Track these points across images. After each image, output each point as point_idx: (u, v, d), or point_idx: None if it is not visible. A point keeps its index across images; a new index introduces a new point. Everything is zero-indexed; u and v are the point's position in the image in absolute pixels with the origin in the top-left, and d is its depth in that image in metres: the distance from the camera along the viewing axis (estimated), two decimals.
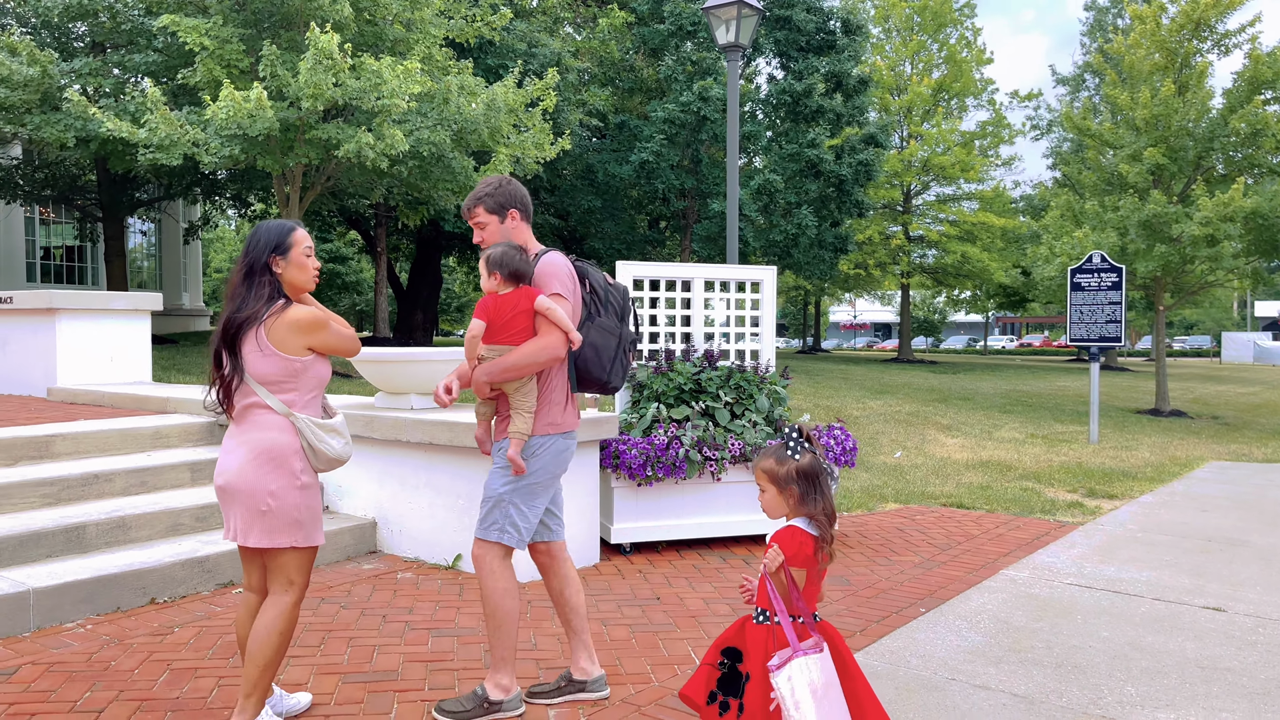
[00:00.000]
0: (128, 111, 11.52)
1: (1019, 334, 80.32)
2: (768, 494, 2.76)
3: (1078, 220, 18.10)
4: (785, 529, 2.73)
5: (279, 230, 3.24)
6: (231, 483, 3.16)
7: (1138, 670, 4.12)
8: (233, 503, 3.18)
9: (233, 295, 3.20)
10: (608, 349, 3.58)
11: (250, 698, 3.18)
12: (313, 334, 3.19)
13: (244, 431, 3.19)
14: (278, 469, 3.16)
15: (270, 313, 3.15)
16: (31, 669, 3.90)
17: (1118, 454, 11.25)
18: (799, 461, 2.72)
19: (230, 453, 3.20)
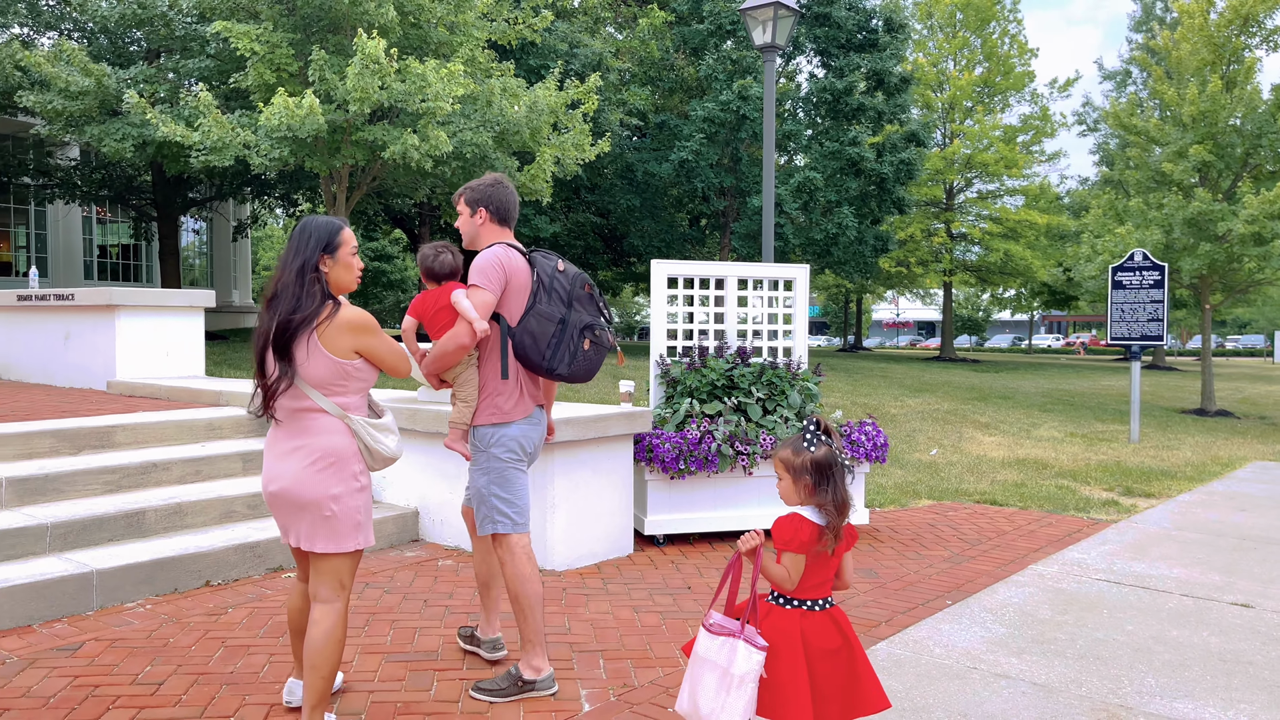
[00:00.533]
0: (182, 116, 11.91)
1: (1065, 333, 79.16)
2: (784, 482, 2.90)
3: (1120, 218, 17.92)
4: (786, 515, 2.86)
5: (328, 228, 3.18)
6: (290, 489, 3.10)
7: (1159, 662, 4.19)
8: (294, 509, 3.12)
9: (281, 294, 3.09)
10: (545, 335, 3.65)
11: (317, 709, 3.14)
12: (363, 336, 3.13)
13: (297, 436, 3.12)
14: (339, 473, 3.12)
15: (323, 315, 3.09)
16: (95, 644, 4.15)
17: (1158, 453, 11.18)
18: (814, 453, 2.85)
19: (284, 458, 3.12)
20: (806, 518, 2.82)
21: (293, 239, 3.17)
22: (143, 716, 3.46)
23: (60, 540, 4.88)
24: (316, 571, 3.18)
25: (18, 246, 21.45)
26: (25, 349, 9.40)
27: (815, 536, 2.81)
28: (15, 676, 3.79)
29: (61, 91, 12.11)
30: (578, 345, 3.70)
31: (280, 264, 3.14)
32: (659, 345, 6.60)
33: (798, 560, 2.82)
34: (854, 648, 2.88)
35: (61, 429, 5.91)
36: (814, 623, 2.86)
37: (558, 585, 5.21)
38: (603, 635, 4.42)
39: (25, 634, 4.27)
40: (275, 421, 3.19)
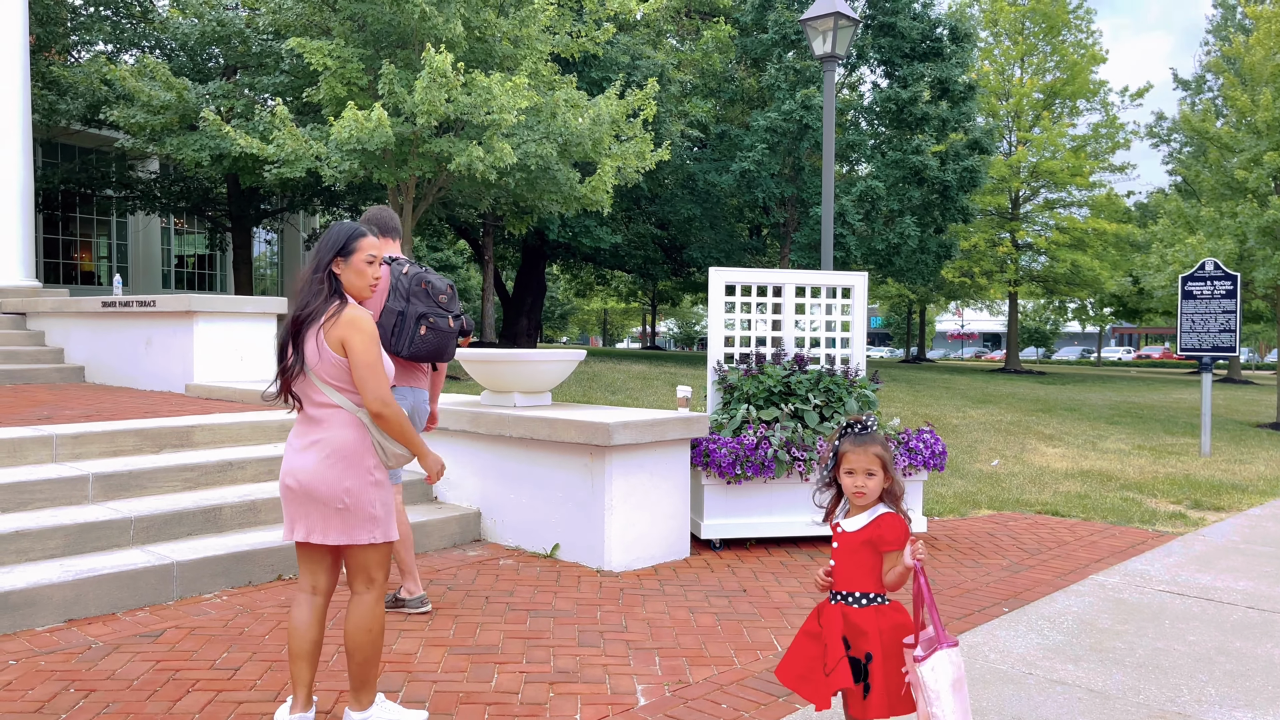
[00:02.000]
0: (257, 130, 12.33)
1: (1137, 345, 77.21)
2: (876, 479, 2.86)
3: (1190, 227, 17.51)
4: (889, 518, 2.85)
5: (345, 233, 3.32)
6: (306, 482, 3.22)
7: (1220, 673, 4.15)
8: (307, 502, 3.23)
9: (299, 291, 3.30)
10: (387, 325, 4.51)
11: (361, 691, 3.32)
12: (349, 331, 3.22)
13: (313, 431, 3.25)
14: (352, 467, 3.23)
15: (329, 314, 3.23)
16: (175, 632, 4.36)
17: (1229, 467, 10.92)
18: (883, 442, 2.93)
19: (301, 453, 3.24)
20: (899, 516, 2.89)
21: (318, 241, 3.38)
22: (221, 699, 3.64)
23: (143, 533, 5.13)
24: (348, 568, 3.33)
25: (99, 256, 22.31)
26: (110, 353, 9.82)
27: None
28: (101, 660, 4.01)
29: (144, 105, 12.63)
30: (414, 331, 4.51)
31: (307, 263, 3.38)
32: (716, 352, 6.68)
33: (901, 558, 2.87)
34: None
35: (144, 428, 6.19)
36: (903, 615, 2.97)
37: (615, 585, 5.32)
38: (658, 634, 4.51)
39: (110, 621, 4.50)
40: (298, 416, 3.35)
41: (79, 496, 5.36)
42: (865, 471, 2.86)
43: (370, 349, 3.23)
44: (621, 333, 75.81)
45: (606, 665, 4.09)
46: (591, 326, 72.40)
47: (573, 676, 3.95)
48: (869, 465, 2.86)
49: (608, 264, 27.45)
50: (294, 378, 3.27)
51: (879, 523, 2.86)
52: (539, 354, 6.20)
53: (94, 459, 5.90)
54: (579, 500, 5.73)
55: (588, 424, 5.53)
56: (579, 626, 4.59)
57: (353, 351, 3.23)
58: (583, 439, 5.55)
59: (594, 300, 57.07)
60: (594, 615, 4.77)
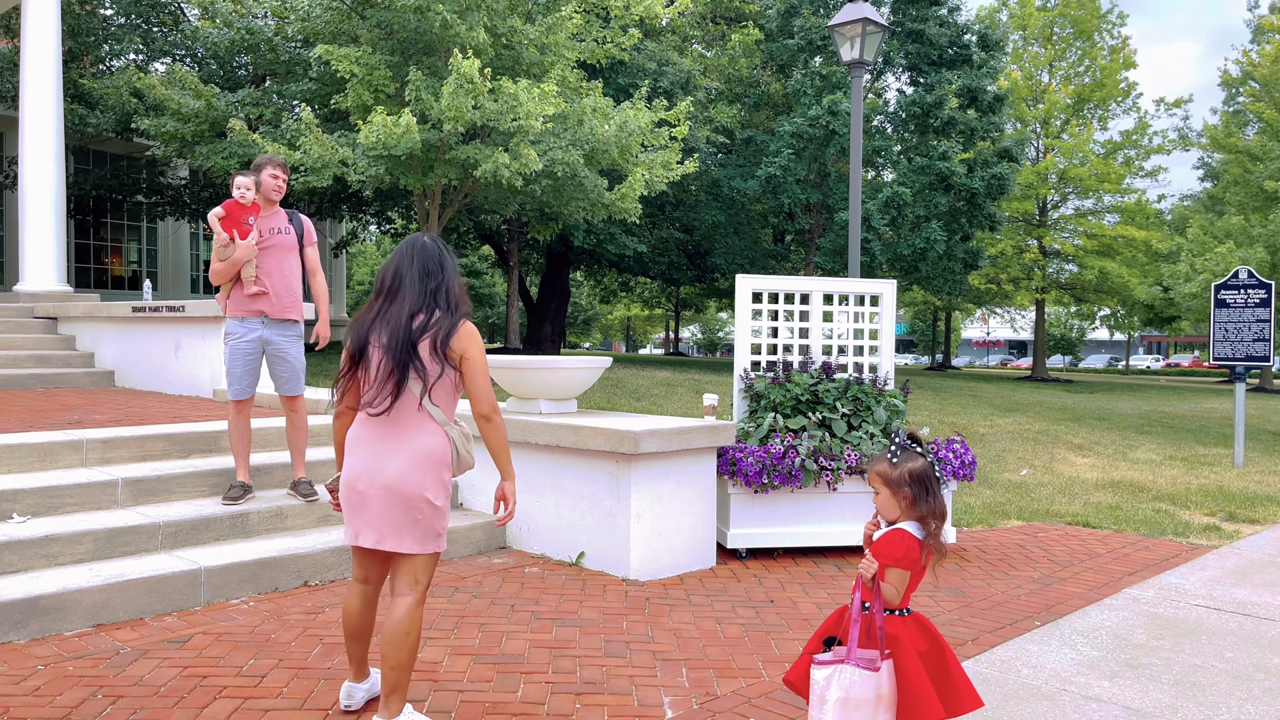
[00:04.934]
0: (284, 137, 12.42)
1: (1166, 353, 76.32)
2: (881, 496, 2.91)
3: (1218, 238, 17.29)
4: (893, 533, 2.87)
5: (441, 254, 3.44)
6: (395, 486, 3.26)
7: (1260, 690, 4.06)
8: (390, 506, 3.26)
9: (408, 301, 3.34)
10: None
11: (392, 696, 3.31)
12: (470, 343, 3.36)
13: (404, 438, 3.30)
14: (436, 478, 3.31)
15: (458, 325, 3.34)
16: (203, 638, 4.37)
17: (1264, 478, 10.73)
18: (912, 465, 2.87)
19: (388, 457, 3.28)
20: (912, 534, 2.85)
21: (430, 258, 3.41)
22: (248, 706, 3.64)
23: (171, 539, 5.15)
24: (397, 570, 3.35)
25: (130, 261, 22.55)
26: (139, 358, 9.90)
27: (922, 551, 2.84)
28: (128, 666, 4.02)
29: (174, 114, 12.74)
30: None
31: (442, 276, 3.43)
32: (743, 359, 6.64)
33: (904, 576, 2.85)
34: (943, 648, 2.92)
35: (173, 433, 6.23)
36: (903, 627, 2.90)
37: (641, 595, 5.28)
38: (685, 645, 4.47)
39: (138, 626, 4.51)
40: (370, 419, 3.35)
41: (108, 501, 5.39)
42: (875, 490, 2.95)
43: (484, 357, 3.40)
44: (644, 339, 75.81)
45: (633, 676, 4.05)
46: (614, 332, 72.45)
47: (599, 687, 3.92)
48: (872, 483, 2.96)
49: (632, 270, 27.45)
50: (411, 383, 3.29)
51: (881, 538, 2.90)
52: (565, 361, 6.18)
53: (123, 463, 5.93)
54: (605, 508, 5.70)
55: (614, 432, 5.50)
56: (605, 636, 4.55)
57: (471, 361, 3.36)
58: (609, 447, 5.52)
59: (618, 307, 57.08)
60: (620, 625, 4.74)
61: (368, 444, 3.33)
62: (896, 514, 2.90)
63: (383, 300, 3.37)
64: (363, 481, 3.30)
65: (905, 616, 2.91)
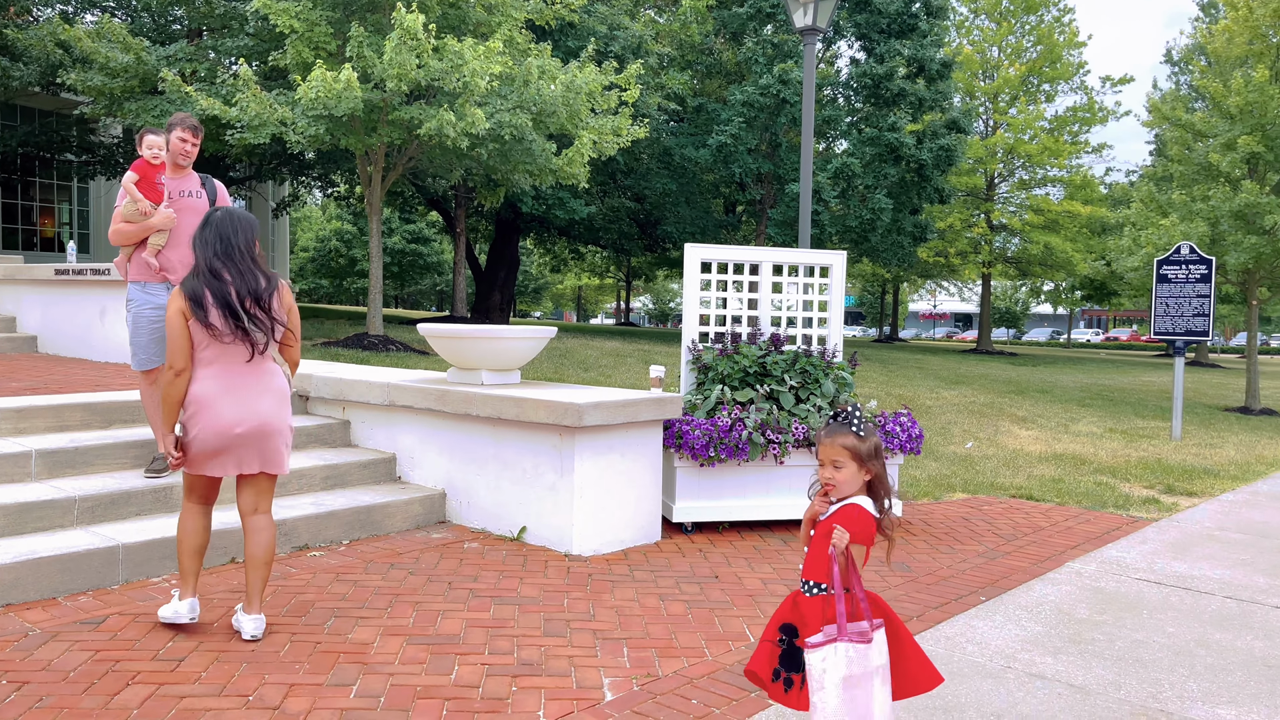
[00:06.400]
0: (219, 93, 11.94)
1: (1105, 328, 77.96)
2: (845, 470, 2.75)
3: (1163, 211, 17.50)
4: (851, 507, 2.75)
5: (249, 223, 4.04)
6: (270, 421, 3.96)
7: (1202, 666, 4.05)
8: (260, 440, 3.93)
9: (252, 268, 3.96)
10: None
11: (261, 595, 4.00)
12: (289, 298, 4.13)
13: (263, 380, 3.98)
14: (288, 409, 4.09)
15: (279, 283, 4.04)
16: (119, 619, 4.14)
17: (1201, 451, 10.92)
18: (876, 439, 2.78)
19: (258, 398, 3.94)
20: (869, 511, 2.75)
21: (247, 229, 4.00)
22: (163, 693, 3.44)
23: (88, 513, 4.89)
24: (259, 491, 4.04)
25: (62, 223, 21.73)
26: (64, 323, 9.48)
27: (878, 528, 2.76)
28: (37, 649, 3.79)
29: (102, 68, 12.18)
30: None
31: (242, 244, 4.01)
32: (691, 331, 6.50)
33: (860, 552, 2.77)
34: (896, 624, 2.86)
35: (93, 403, 5.93)
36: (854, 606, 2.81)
37: (583, 571, 5.15)
38: (627, 623, 4.35)
39: (50, 606, 4.27)
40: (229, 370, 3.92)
41: (20, 474, 5.11)
42: (831, 463, 2.79)
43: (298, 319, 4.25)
44: (596, 308, 75.50)
45: (572, 657, 3.92)
46: (566, 302, 72.04)
47: (537, 669, 3.79)
48: (835, 457, 2.77)
49: (582, 238, 27.16)
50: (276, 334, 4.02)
51: (838, 513, 2.77)
52: (508, 330, 5.99)
53: (38, 434, 5.63)
54: (548, 482, 5.55)
55: (558, 404, 5.34)
56: (545, 615, 4.42)
57: (293, 315, 4.12)
58: (552, 419, 5.36)
59: (568, 276, 56.68)
60: (561, 603, 4.60)
61: (234, 392, 3.90)
62: (856, 488, 2.78)
63: (219, 265, 3.87)
64: (241, 425, 3.89)
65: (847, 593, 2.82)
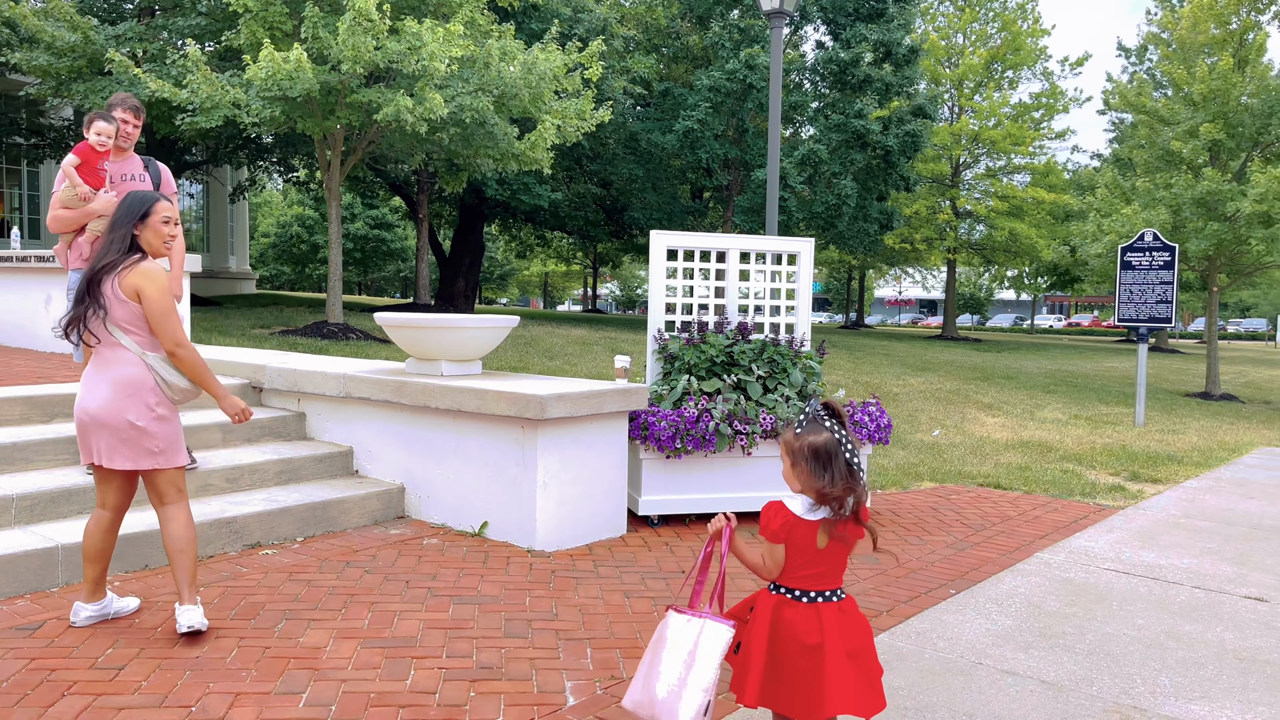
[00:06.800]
0: (170, 75, 11.59)
1: (1067, 314, 78.89)
2: (785, 465, 2.72)
3: (1127, 198, 17.61)
4: (770, 501, 2.71)
5: (143, 200, 3.81)
6: (98, 414, 3.70)
7: (1173, 660, 4.00)
8: (99, 431, 3.71)
9: (101, 247, 3.79)
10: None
11: (192, 585, 3.85)
12: (143, 281, 3.69)
13: (105, 369, 3.73)
14: (136, 401, 3.72)
15: (126, 264, 3.71)
16: (56, 624, 3.95)
17: (1164, 437, 10.98)
18: (814, 438, 2.64)
19: (93, 389, 3.74)
20: (785, 506, 2.65)
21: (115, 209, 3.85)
22: (99, 704, 3.26)
23: (26, 512, 4.67)
24: (152, 485, 3.83)
25: (13, 208, 21.14)
26: (5, 312, 9.16)
27: (787, 526, 2.62)
28: None
29: (48, 48, 11.78)
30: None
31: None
32: (657, 320, 6.37)
33: (774, 549, 2.66)
34: (827, 652, 2.63)
35: (33, 395, 5.69)
36: (796, 613, 2.68)
37: (546, 567, 5.01)
38: (591, 622, 4.22)
39: None
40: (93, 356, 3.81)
41: None
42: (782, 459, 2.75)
43: (162, 296, 3.73)
44: (563, 295, 75.12)
45: (534, 659, 3.79)
46: (532, 288, 71.57)
47: (496, 673, 3.65)
48: (781, 451, 2.76)
49: (547, 224, 26.90)
50: (92, 320, 3.73)
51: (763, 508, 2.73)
52: (468, 320, 5.82)
53: None
54: (510, 476, 5.40)
55: (520, 396, 5.19)
56: (506, 614, 4.27)
57: (146, 299, 3.71)
58: (514, 411, 5.21)
59: (534, 262, 56.30)
60: (522, 601, 4.46)
61: (86, 379, 3.79)
62: (797, 486, 2.69)
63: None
64: (80, 412, 3.77)
65: (807, 603, 2.68)
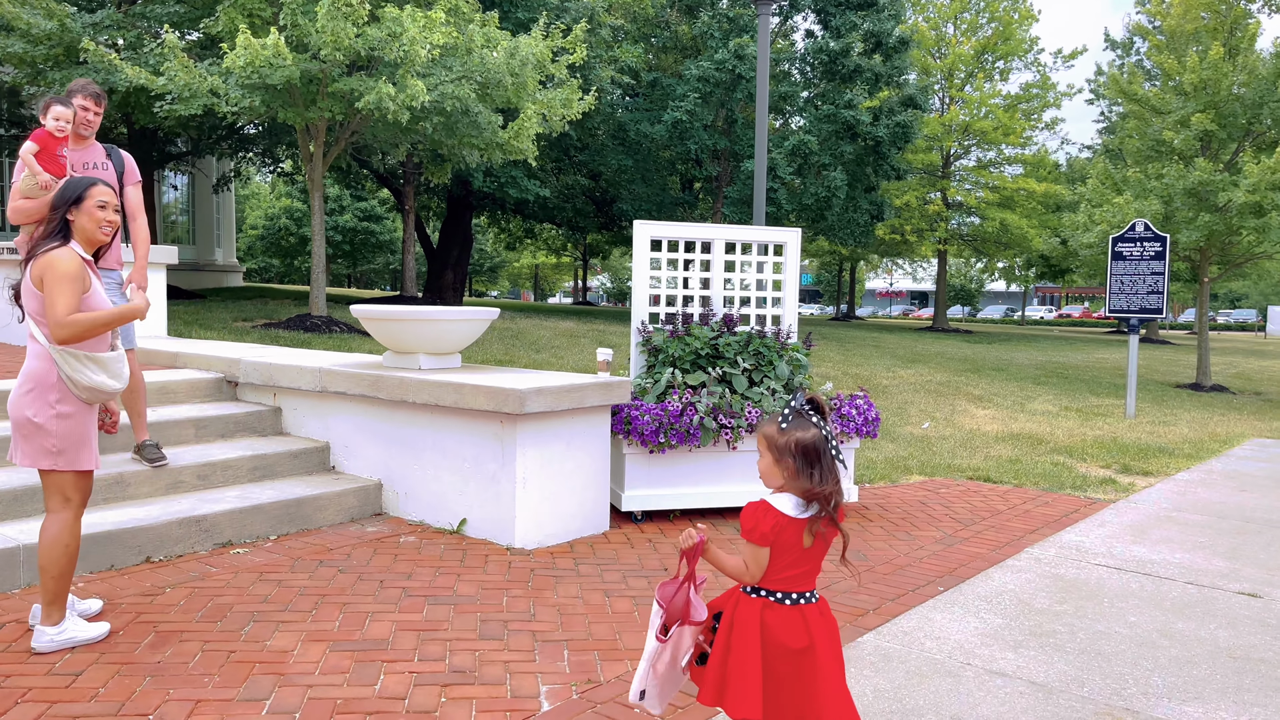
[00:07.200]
0: (147, 62, 11.40)
1: (1058, 305, 79.00)
2: (764, 460, 2.58)
3: (1118, 188, 17.53)
4: (753, 502, 2.58)
5: (77, 185, 3.61)
6: (7, 406, 3.57)
7: (1165, 659, 3.90)
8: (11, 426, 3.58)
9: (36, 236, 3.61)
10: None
11: (53, 605, 3.57)
12: (46, 270, 3.44)
13: (26, 360, 3.56)
14: (37, 398, 3.50)
15: (41, 252, 3.48)
16: (15, 628, 3.81)
17: (1155, 429, 10.91)
18: (802, 434, 2.51)
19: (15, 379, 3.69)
20: (773, 507, 2.51)
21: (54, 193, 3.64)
22: (54, 713, 3.13)
23: None
24: (43, 485, 3.58)
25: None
26: None
27: (777, 527, 2.49)
28: None
29: (23, 35, 11.58)
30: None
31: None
32: (640, 311, 6.24)
33: (758, 552, 2.52)
34: (819, 652, 2.55)
35: (2, 391, 5.54)
36: (779, 616, 2.55)
37: (525, 566, 4.89)
38: (570, 623, 4.10)
39: None
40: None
41: None
42: (759, 452, 2.61)
43: (58, 284, 3.42)
44: (554, 287, 74.89)
45: (508, 662, 3.67)
46: (523, 280, 71.32)
47: (469, 676, 3.53)
48: (758, 444, 2.62)
49: (536, 216, 26.72)
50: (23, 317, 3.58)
51: (745, 506, 2.59)
52: (445, 312, 5.69)
53: None
54: (489, 472, 5.27)
55: (498, 390, 5.06)
56: (481, 615, 4.15)
57: (48, 293, 3.44)
58: (493, 406, 5.08)
59: (524, 254, 56.09)
60: (499, 601, 4.34)
61: None
62: (778, 483, 2.56)
63: None
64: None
65: (791, 605, 2.57)
